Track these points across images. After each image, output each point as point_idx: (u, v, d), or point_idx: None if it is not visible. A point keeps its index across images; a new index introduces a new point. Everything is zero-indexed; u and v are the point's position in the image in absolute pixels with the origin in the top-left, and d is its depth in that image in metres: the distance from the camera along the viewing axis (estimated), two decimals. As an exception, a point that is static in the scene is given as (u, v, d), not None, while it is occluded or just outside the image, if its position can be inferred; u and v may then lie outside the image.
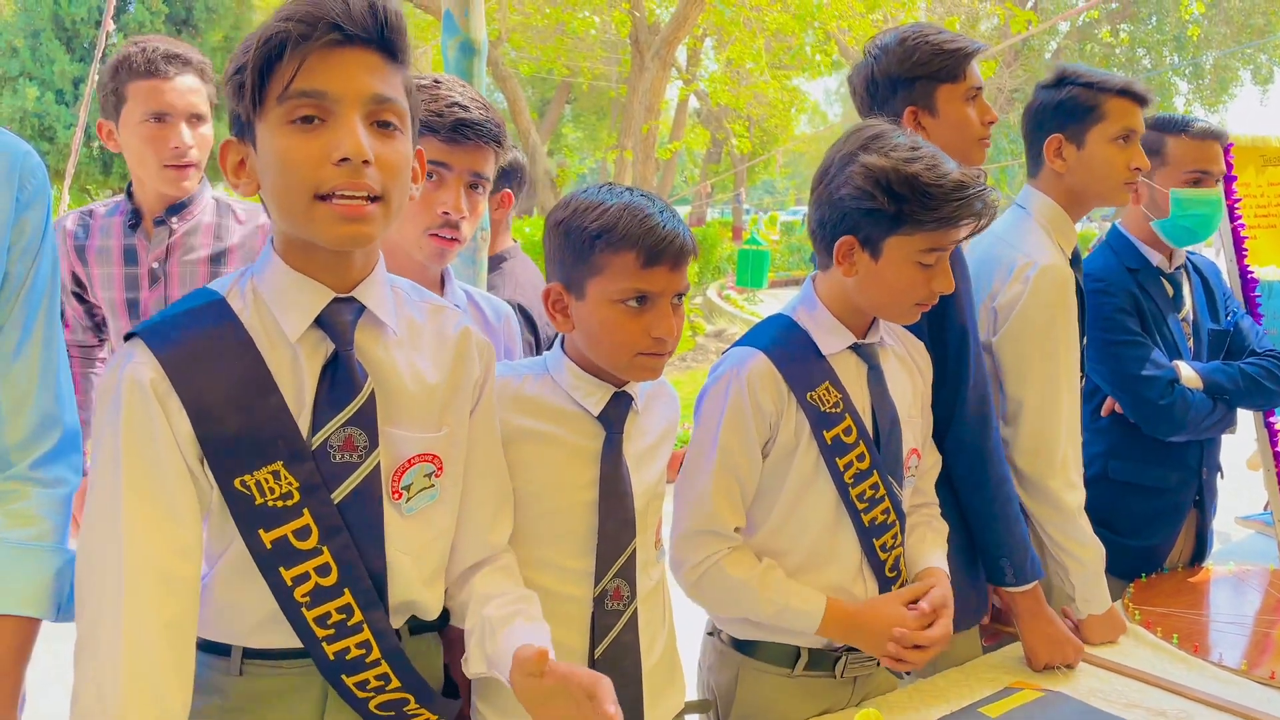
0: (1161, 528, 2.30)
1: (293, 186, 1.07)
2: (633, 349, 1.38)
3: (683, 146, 17.76)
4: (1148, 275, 2.25)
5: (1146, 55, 21.71)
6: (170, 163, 2.09)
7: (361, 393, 1.14)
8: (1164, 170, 2.20)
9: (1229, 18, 19.73)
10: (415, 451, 1.21)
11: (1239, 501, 3.40)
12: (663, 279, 1.36)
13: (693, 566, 1.59)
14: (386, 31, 1.09)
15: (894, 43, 1.84)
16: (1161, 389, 2.14)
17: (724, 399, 1.57)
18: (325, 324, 1.14)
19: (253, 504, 1.10)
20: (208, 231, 2.17)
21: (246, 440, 1.10)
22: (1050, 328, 1.86)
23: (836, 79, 43.58)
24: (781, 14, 10.67)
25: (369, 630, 1.16)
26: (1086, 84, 1.95)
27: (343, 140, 1.05)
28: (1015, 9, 11.99)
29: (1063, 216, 1.98)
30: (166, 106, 2.07)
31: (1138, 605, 2.09)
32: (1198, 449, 2.29)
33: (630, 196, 1.37)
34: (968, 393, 1.75)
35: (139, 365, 1.08)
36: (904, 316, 1.61)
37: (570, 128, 27.64)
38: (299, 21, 1.04)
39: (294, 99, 1.05)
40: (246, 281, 1.17)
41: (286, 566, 1.12)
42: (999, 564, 1.79)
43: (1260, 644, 1.95)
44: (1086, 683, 1.76)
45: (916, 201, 1.47)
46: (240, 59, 1.07)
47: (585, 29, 12.99)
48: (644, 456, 1.49)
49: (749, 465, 1.58)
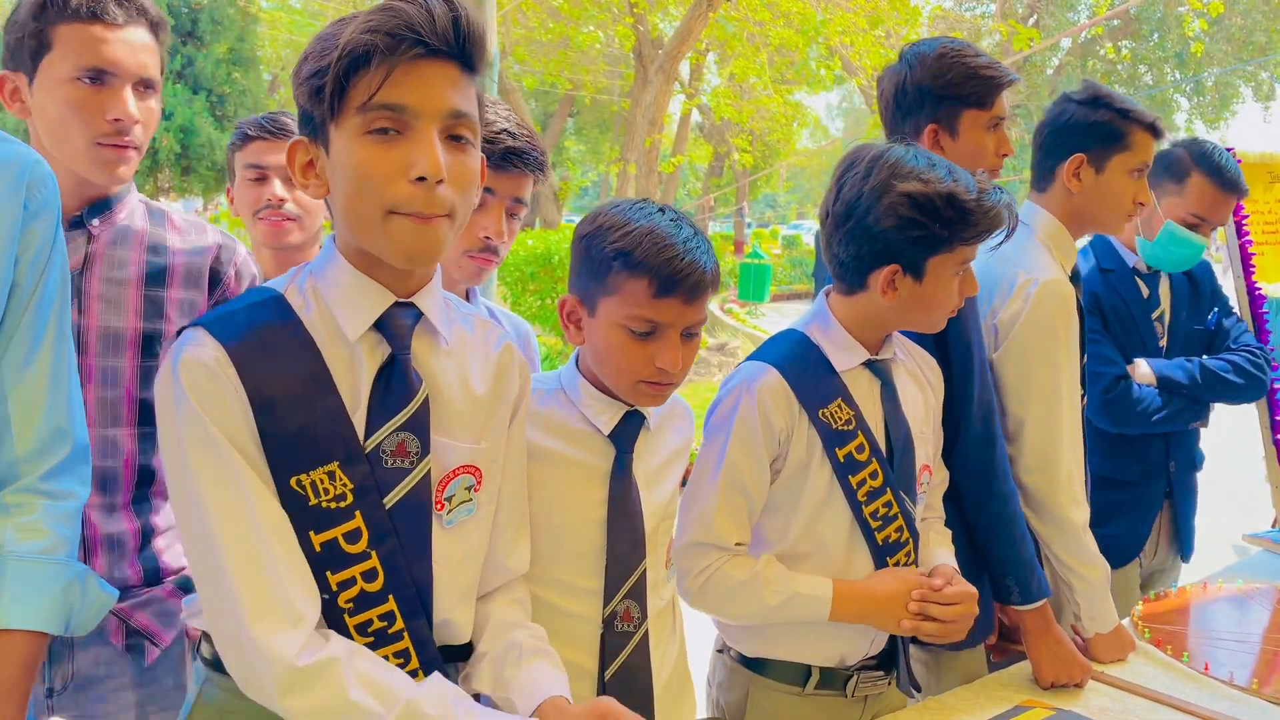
0: (1128, 519, 2.32)
1: (367, 198, 1.07)
2: (635, 376, 1.37)
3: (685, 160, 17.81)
4: (1121, 275, 2.27)
5: (1148, 72, 21.80)
6: (106, 139, 1.49)
7: (416, 398, 1.14)
8: (1174, 199, 2.20)
9: (1230, 35, 19.81)
10: (460, 462, 1.20)
11: (1244, 520, 3.39)
12: (673, 311, 1.34)
13: (694, 575, 1.57)
14: (467, 44, 1.08)
15: (932, 55, 1.82)
16: (1106, 383, 2.18)
17: (733, 413, 1.55)
18: (384, 327, 1.14)
19: (306, 504, 1.09)
20: (139, 242, 1.59)
21: (305, 438, 1.09)
22: (1051, 344, 1.85)
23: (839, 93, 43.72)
24: (785, 29, 10.73)
25: (409, 639, 1.15)
26: (1121, 111, 1.91)
27: (420, 157, 1.05)
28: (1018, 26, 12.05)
29: (1064, 233, 1.97)
30: (109, 63, 1.47)
31: (1147, 623, 2.08)
32: (1162, 443, 2.30)
33: (659, 219, 1.35)
34: (973, 409, 1.75)
35: (199, 346, 1.07)
36: (937, 326, 1.62)
37: (573, 141, 27.72)
38: (386, 34, 1.03)
39: (375, 111, 1.05)
40: (306, 279, 1.16)
41: (334, 571, 1.10)
42: (1005, 582, 1.78)
43: (1270, 662, 1.94)
44: (1097, 701, 1.75)
45: (961, 221, 1.49)
46: (318, 61, 1.06)
47: (589, 43, 13.06)
48: (655, 476, 1.48)
49: (756, 481, 1.57)
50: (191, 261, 1.63)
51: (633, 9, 11.16)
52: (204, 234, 1.67)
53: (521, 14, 12.42)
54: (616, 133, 21.17)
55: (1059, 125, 1.96)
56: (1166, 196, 2.21)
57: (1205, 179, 2.20)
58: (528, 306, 9.86)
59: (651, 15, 11.69)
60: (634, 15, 11.11)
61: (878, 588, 1.58)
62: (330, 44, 1.05)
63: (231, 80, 16.11)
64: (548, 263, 9.67)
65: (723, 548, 1.57)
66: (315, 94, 1.06)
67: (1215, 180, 2.19)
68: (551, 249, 9.67)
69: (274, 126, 2.03)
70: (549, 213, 18.30)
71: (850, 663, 1.65)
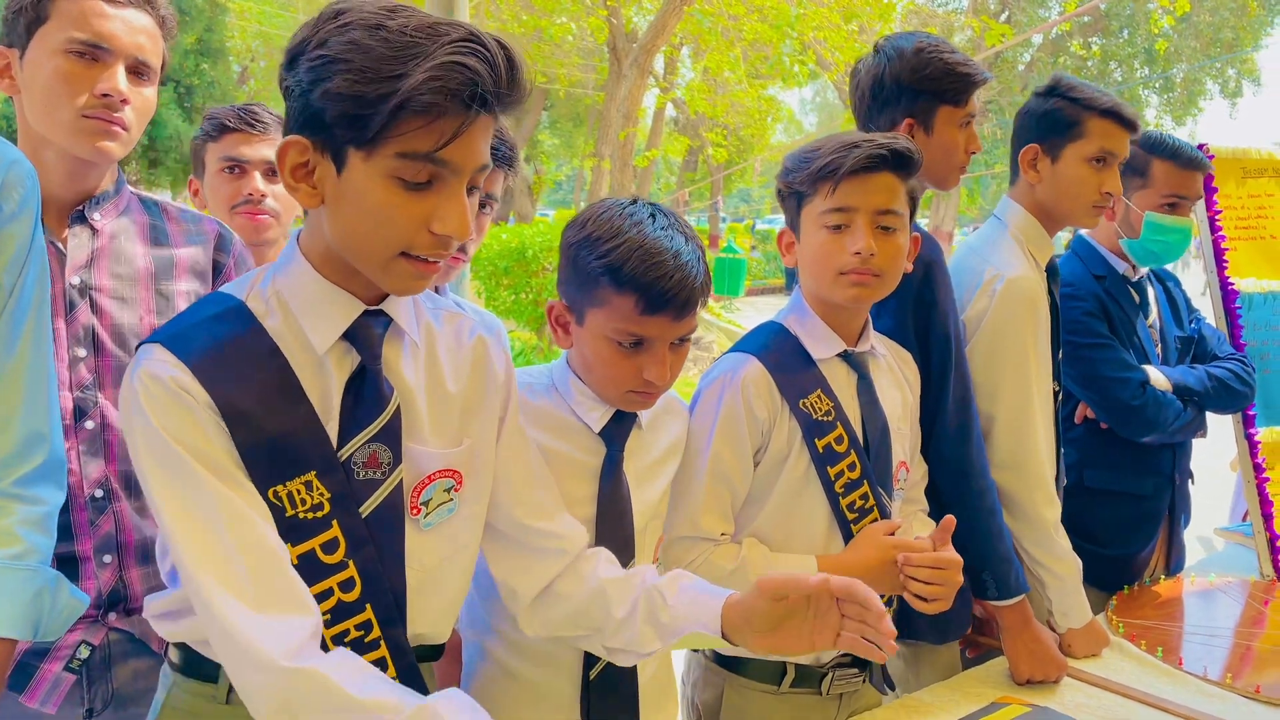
0: (1139, 535, 2.30)
1: (382, 239, 1.03)
2: (622, 386, 1.37)
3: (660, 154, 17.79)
4: (1114, 282, 2.26)
5: (1118, 68, 21.98)
6: (93, 112, 1.42)
7: (388, 409, 1.11)
8: (1144, 191, 2.21)
9: (1198, 32, 20.01)
10: (436, 468, 1.17)
11: (1217, 513, 3.42)
12: (660, 326, 1.33)
13: (683, 570, 1.55)
14: (522, 95, 1.04)
15: (910, 49, 1.82)
16: (1133, 390, 2.14)
17: (717, 405, 1.55)
18: (354, 337, 1.11)
19: (283, 516, 1.07)
20: (142, 235, 1.55)
21: (281, 448, 1.06)
22: (1019, 340, 1.85)
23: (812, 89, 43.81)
24: (759, 24, 10.72)
25: (386, 647, 1.13)
26: (1073, 99, 1.93)
27: (449, 215, 1.03)
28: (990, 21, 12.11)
29: (1038, 228, 1.97)
30: (104, 36, 1.43)
31: (1121, 618, 2.09)
32: (1170, 455, 2.30)
33: (649, 230, 1.32)
34: (949, 403, 1.74)
35: (155, 363, 1.03)
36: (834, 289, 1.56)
37: (547, 135, 27.60)
38: (454, 94, 0.98)
39: (419, 163, 1.00)
40: (268, 284, 1.11)
41: (311, 582, 1.07)
42: (981, 577, 1.78)
43: (1242, 656, 1.95)
44: (1073, 697, 1.75)
45: (797, 170, 1.56)
46: (363, 85, 0.97)
47: (562, 36, 13.00)
48: (647, 474, 1.47)
49: (741, 473, 1.56)
50: (194, 253, 1.60)
51: (606, 2, 11.11)
52: (201, 223, 1.64)
53: (494, 6, 12.34)
54: (591, 127, 21.11)
55: (1020, 119, 2.00)
56: (1136, 192, 2.22)
57: (1165, 161, 2.21)
58: (502, 301, 9.81)
59: (625, 9, 11.65)
60: (608, 8, 11.06)
61: (863, 556, 1.56)
62: (382, 71, 0.97)
63: (200, 71, 15.89)
64: (522, 257, 9.62)
65: (709, 539, 1.56)
66: (350, 119, 0.99)
67: (1175, 160, 2.21)
68: (526, 243, 9.62)
69: (252, 119, 1.98)
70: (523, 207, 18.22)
71: (825, 660, 1.64)
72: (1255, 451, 2.48)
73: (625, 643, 1.26)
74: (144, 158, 15.10)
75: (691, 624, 1.22)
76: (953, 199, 19.98)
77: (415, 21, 0.99)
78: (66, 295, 1.44)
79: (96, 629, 1.46)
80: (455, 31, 0.98)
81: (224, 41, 17.03)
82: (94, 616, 1.45)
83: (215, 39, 16.39)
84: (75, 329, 1.45)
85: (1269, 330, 2.55)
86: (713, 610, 1.21)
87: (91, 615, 1.45)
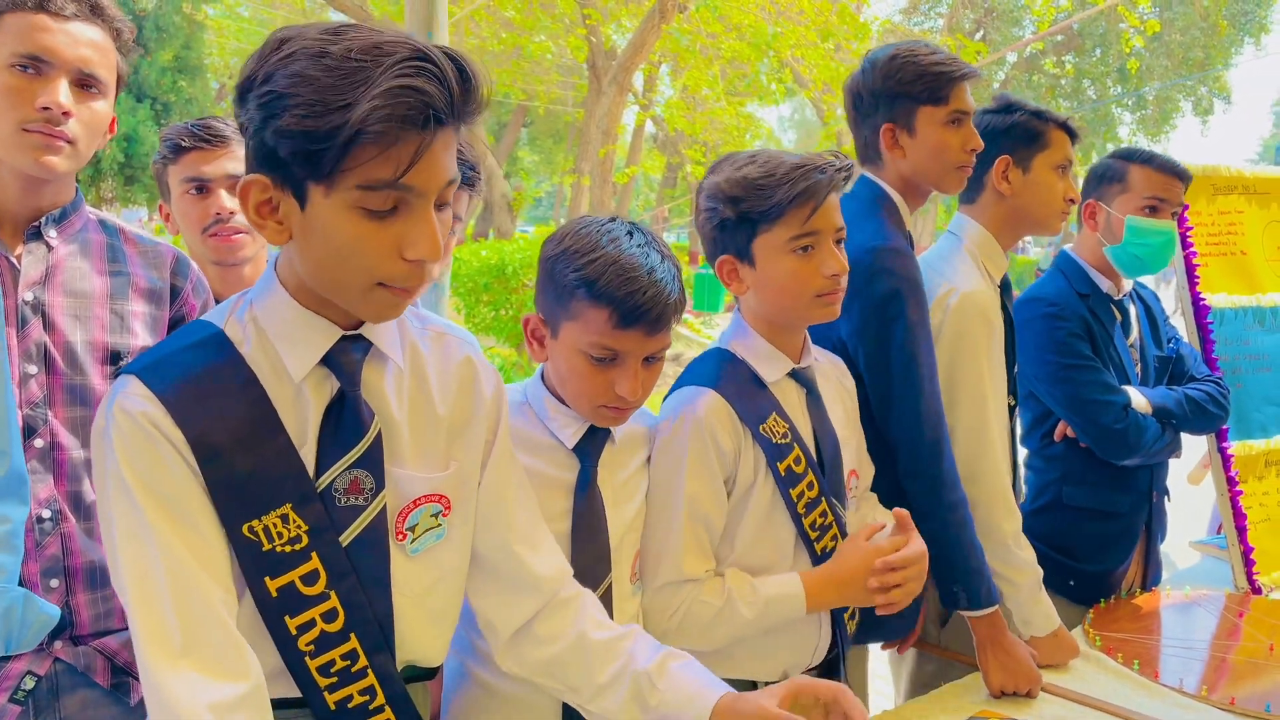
0: (1116, 551, 2.32)
1: (354, 271, 1.01)
2: (595, 401, 1.37)
3: (639, 171, 17.84)
4: (1097, 300, 2.28)
5: (1091, 86, 22.27)
6: (34, 126, 1.40)
7: (368, 434, 1.09)
8: (1123, 197, 2.24)
9: (1170, 51, 20.31)
10: (422, 492, 1.15)
11: (1191, 527, 3.45)
12: (633, 341, 1.33)
13: (669, 615, 1.53)
14: (478, 107, 1.01)
15: (884, 58, 1.85)
16: (1116, 414, 2.16)
17: (684, 444, 1.52)
18: (332, 363, 1.08)
19: (260, 550, 1.04)
20: (99, 254, 1.53)
21: (255, 482, 1.04)
22: (973, 354, 1.87)
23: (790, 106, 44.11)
24: (737, 42, 10.80)
25: (374, 675, 1.11)
26: (1035, 113, 2.03)
27: (419, 239, 1.00)
28: (965, 40, 12.24)
29: (993, 244, 2.02)
30: (45, 50, 1.41)
31: (1098, 631, 2.10)
32: (1148, 473, 2.32)
33: (626, 246, 1.32)
34: (923, 414, 1.75)
35: (129, 396, 1.01)
36: (812, 311, 1.56)
37: (526, 151, 27.66)
38: (406, 120, 0.94)
39: (380, 192, 0.97)
40: (245, 311, 1.09)
41: (292, 614, 1.06)
42: (952, 589, 1.78)
43: (1218, 668, 1.97)
44: (1051, 710, 1.76)
45: (752, 198, 1.50)
46: (314, 121, 0.93)
47: (541, 53, 13.04)
48: (621, 490, 1.47)
49: (717, 508, 1.55)
50: (150, 277, 1.58)
51: (585, 20, 11.16)
52: (157, 248, 1.62)
53: (474, 23, 12.37)
54: (570, 143, 21.16)
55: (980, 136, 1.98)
56: (1116, 198, 2.25)
57: (1142, 166, 2.25)
58: (482, 318, 9.79)
59: (604, 26, 11.71)
60: (587, 27, 11.11)
61: (849, 566, 1.56)
62: (330, 103, 0.93)
63: (177, 88, 15.85)
64: (502, 273, 9.61)
65: (693, 580, 1.54)
66: (304, 156, 0.95)
67: (1152, 165, 2.25)
68: (505, 260, 9.61)
69: (209, 134, 1.90)
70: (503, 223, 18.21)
71: (794, 674, 1.64)
72: (1228, 465, 2.51)
73: (604, 711, 1.23)
74: (120, 175, 15.02)
75: (680, 715, 1.19)
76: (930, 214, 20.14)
77: (360, 43, 0.94)
78: (19, 311, 1.42)
79: (42, 658, 1.41)
80: (401, 50, 0.94)
81: (201, 59, 17.00)
82: (40, 645, 1.40)
83: (193, 56, 16.36)
84: (26, 345, 1.42)
85: (1240, 345, 2.59)
86: (703, 706, 1.18)
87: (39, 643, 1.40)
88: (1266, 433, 2.59)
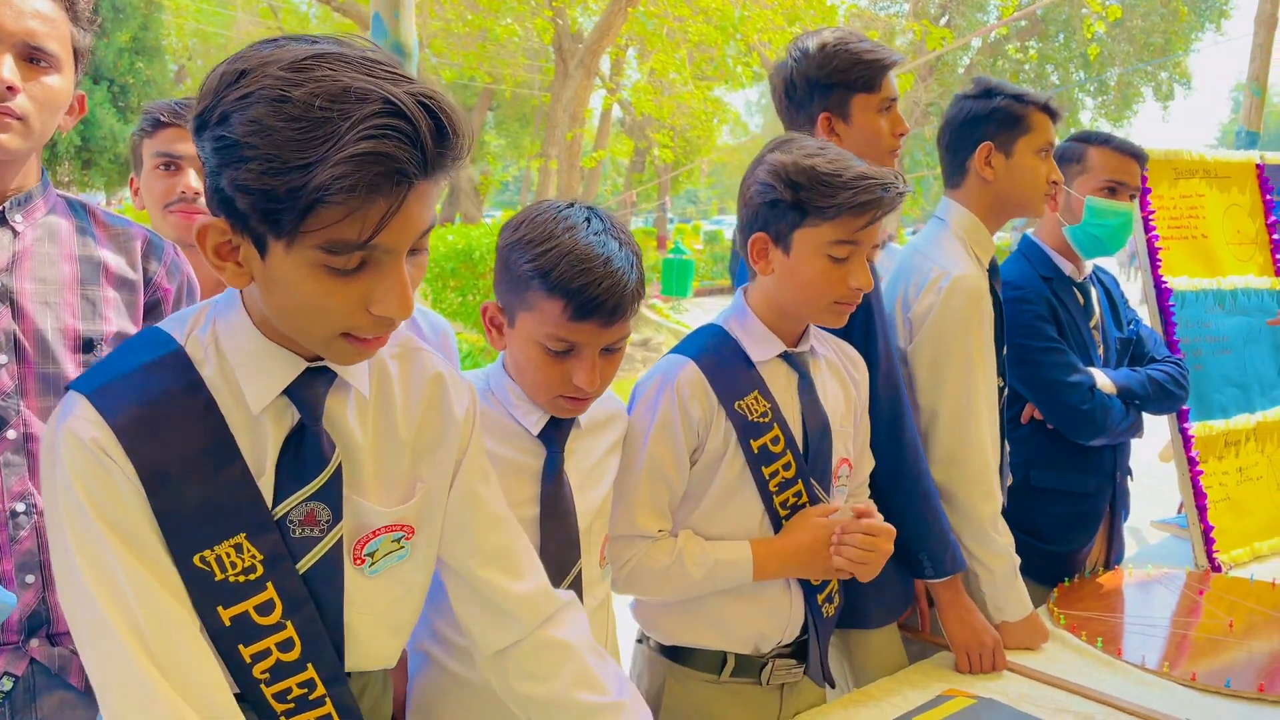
0: (1082, 532, 2.35)
1: (321, 324, 0.96)
2: (551, 391, 1.36)
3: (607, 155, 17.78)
4: (1060, 283, 2.31)
5: (1054, 71, 22.45)
6: None
7: (328, 468, 1.05)
8: (1082, 178, 2.26)
9: (1131, 36, 20.52)
10: (383, 524, 1.11)
11: (1153, 506, 3.51)
12: (589, 332, 1.31)
13: (620, 566, 1.58)
14: (459, 160, 0.93)
15: (815, 48, 1.86)
16: (1082, 394, 2.19)
17: (654, 406, 1.57)
18: (294, 395, 1.03)
19: (212, 580, 1.00)
20: (68, 239, 1.47)
21: (208, 511, 1.00)
22: (964, 338, 1.89)
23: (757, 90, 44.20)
24: (704, 25, 10.77)
25: (331, 704, 1.08)
26: (1015, 96, 2.01)
27: (388, 295, 0.93)
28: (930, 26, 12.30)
29: (980, 228, 2.02)
30: None
31: (1062, 610, 2.13)
32: (1111, 454, 2.36)
33: (582, 234, 1.30)
34: (878, 391, 1.77)
35: (79, 420, 0.96)
36: (824, 315, 1.59)
37: (493, 135, 27.46)
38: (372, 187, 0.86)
39: (336, 251, 0.90)
40: (208, 331, 1.04)
41: (246, 644, 1.02)
42: (918, 557, 1.82)
43: (1179, 645, 2.00)
44: (1017, 688, 1.78)
45: (814, 190, 1.49)
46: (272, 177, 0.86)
47: (507, 36, 12.93)
48: (590, 475, 1.47)
49: (677, 471, 1.58)
50: (121, 261, 1.51)
51: (551, 3, 11.08)
52: (128, 231, 1.54)
53: (439, 5, 12.25)
54: (537, 127, 21.04)
55: (960, 121, 2.04)
56: (1075, 179, 2.27)
57: (1101, 149, 2.27)
58: (449, 303, 9.75)
59: (571, 9, 11.63)
60: (553, 9, 11.03)
61: (795, 539, 1.60)
62: (289, 161, 0.85)
63: (135, 70, 15.56)
64: (468, 259, 9.56)
65: (647, 536, 1.58)
66: (262, 212, 0.89)
67: (1111, 147, 2.27)
68: (472, 245, 9.57)
69: (188, 113, 1.90)
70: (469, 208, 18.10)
71: (765, 649, 1.67)
72: (1189, 445, 2.55)
73: None
74: (77, 158, 14.74)
75: None
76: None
77: (325, 89, 0.85)
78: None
79: (18, 658, 1.37)
80: (369, 103, 0.85)
81: (160, 40, 16.69)
82: (15, 643, 1.38)
83: (150, 37, 16.06)
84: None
85: (1201, 327, 2.62)
86: None
87: (13, 641, 1.37)
88: (1226, 414, 2.64)
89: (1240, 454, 2.66)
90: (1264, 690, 1.77)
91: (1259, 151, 2.96)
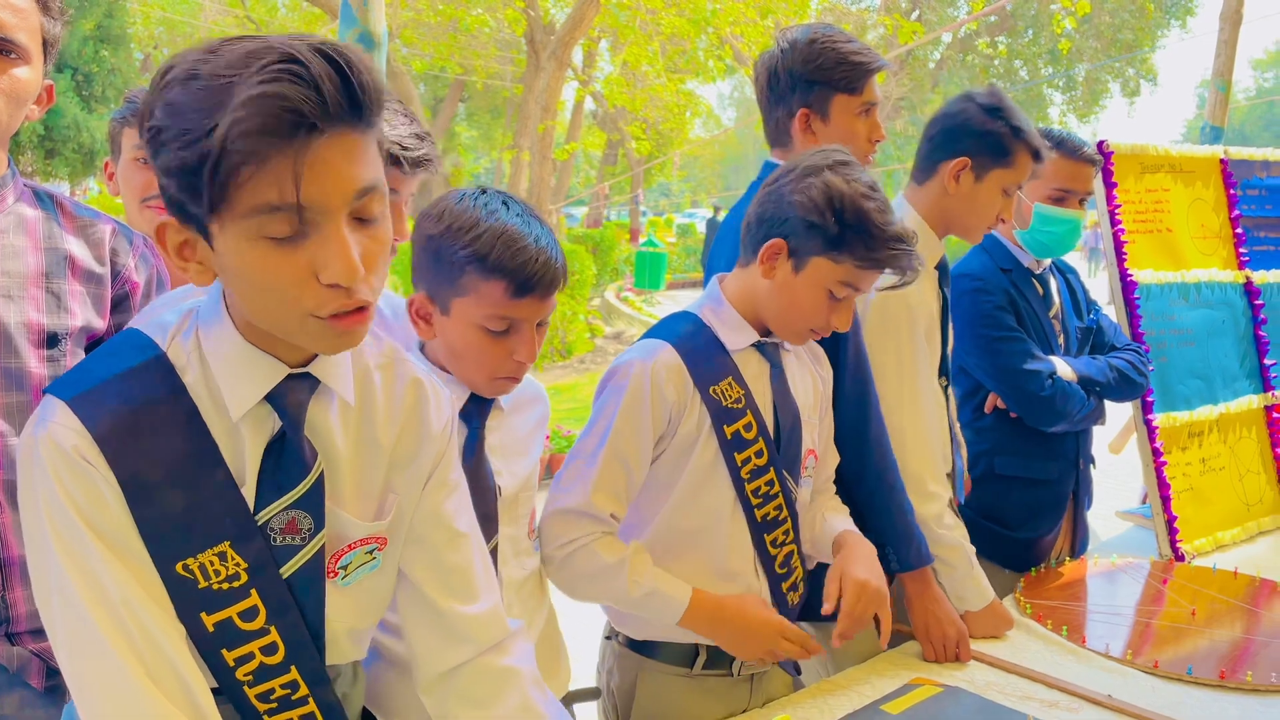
0: (1046, 518, 2.39)
1: (275, 305, 0.93)
2: (494, 372, 1.38)
3: (579, 148, 17.73)
4: (1020, 275, 2.33)
5: (1023, 67, 22.66)
6: None
7: (310, 475, 1.04)
8: (1033, 183, 2.25)
9: (1099, 33, 20.74)
10: (359, 537, 1.10)
11: (1118, 496, 3.55)
12: (529, 308, 1.35)
13: (561, 545, 1.55)
14: (365, 104, 0.90)
15: (803, 41, 1.85)
16: (1042, 381, 2.22)
17: (624, 386, 1.57)
18: (276, 401, 1.02)
19: (195, 587, 0.99)
20: (32, 230, 1.42)
21: (191, 520, 0.99)
22: (895, 341, 1.90)
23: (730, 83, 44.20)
24: (676, 18, 10.75)
25: (315, 704, 1.09)
26: (1015, 128, 1.93)
27: (331, 261, 0.90)
28: (901, 20, 12.35)
29: (927, 231, 2.00)
30: None
31: (1028, 598, 2.15)
32: (1074, 441, 2.39)
33: (505, 216, 1.34)
34: (845, 384, 1.78)
35: (59, 427, 0.95)
36: (791, 335, 1.63)
37: (464, 127, 27.32)
38: (267, 132, 0.84)
39: (267, 216, 0.88)
40: (190, 336, 1.02)
41: (230, 648, 1.02)
42: (884, 550, 1.82)
43: (1142, 633, 2.03)
44: (984, 676, 1.80)
45: (858, 233, 1.51)
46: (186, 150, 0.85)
47: (479, 27, 12.85)
48: (513, 448, 1.48)
49: (638, 455, 1.57)
50: (88, 254, 1.47)
51: (523, -7, 11.02)
52: (96, 223, 1.51)
53: (409, -4, 12.15)
54: (509, 119, 20.93)
55: (954, 124, 1.96)
56: (1028, 185, 2.26)
57: (1052, 155, 2.25)
58: (419, 295, 9.68)
59: (542, 0, 11.58)
60: (525, 0, 10.98)
61: (738, 609, 1.60)
62: (196, 130, 0.85)
63: (100, 58, 15.31)
64: (439, 250, 9.51)
65: (597, 518, 1.56)
66: (188, 191, 0.88)
67: (1062, 152, 2.27)
68: (443, 236, 9.51)
69: None
70: (440, 200, 17.90)
71: None
72: (1153, 436, 2.58)
73: None
74: (40, 148, 14.50)
75: None
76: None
77: (232, 56, 0.86)
78: None
79: None
80: (269, 56, 0.85)
81: (125, 28, 16.43)
82: None
83: (115, 25, 15.80)
84: None
85: (1165, 320, 2.66)
86: None
87: None
88: (1190, 405, 2.67)
89: (1203, 445, 2.70)
90: (1225, 678, 1.80)
91: (1223, 146, 3.00)
